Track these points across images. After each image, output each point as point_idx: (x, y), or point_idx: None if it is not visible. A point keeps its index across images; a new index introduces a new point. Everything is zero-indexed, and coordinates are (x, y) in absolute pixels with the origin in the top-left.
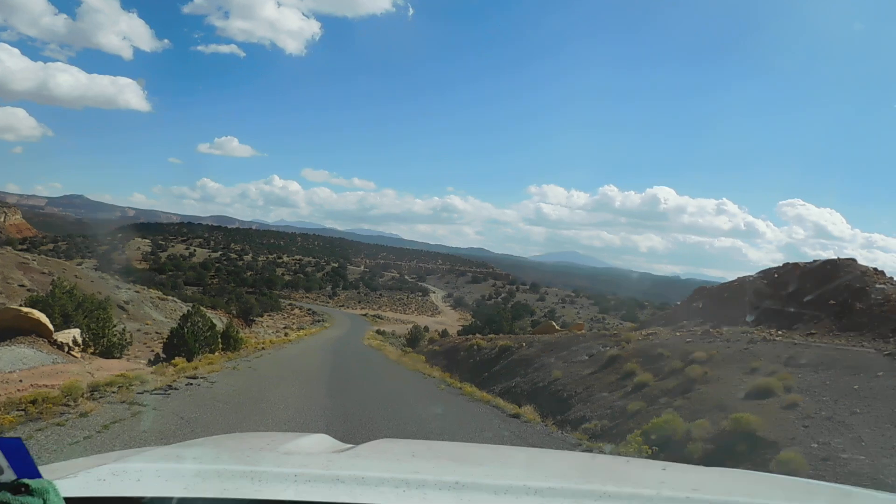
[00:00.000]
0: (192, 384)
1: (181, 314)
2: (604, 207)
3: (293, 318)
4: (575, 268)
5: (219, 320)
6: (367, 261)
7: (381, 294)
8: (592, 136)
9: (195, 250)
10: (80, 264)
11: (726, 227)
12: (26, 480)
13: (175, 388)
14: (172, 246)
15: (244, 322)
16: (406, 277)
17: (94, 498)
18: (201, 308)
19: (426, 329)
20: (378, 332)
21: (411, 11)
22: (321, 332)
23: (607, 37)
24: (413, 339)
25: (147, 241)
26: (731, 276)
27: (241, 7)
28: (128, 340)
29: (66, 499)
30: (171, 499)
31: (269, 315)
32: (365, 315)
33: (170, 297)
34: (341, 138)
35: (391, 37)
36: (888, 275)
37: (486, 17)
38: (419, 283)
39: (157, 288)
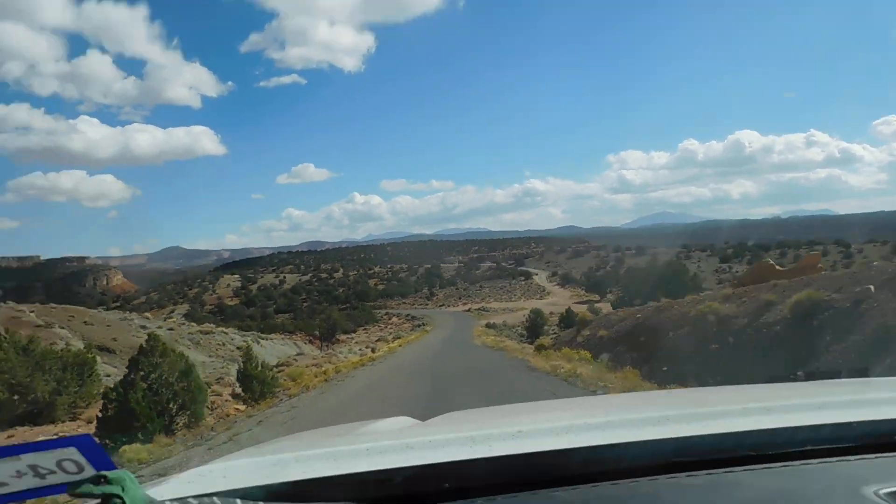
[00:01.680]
0: None
1: (239, 348)
2: (687, 163)
3: (391, 328)
4: (670, 227)
5: (292, 346)
6: (461, 258)
7: (481, 286)
8: (661, 93)
9: (285, 277)
10: (172, 311)
11: (820, 159)
12: (104, 472)
13: None
14: (262, 277)
15: (326, 343)
16: (504, 265)
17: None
18: (162, 341)
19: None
20: (488, 325)
21: (461, 3)
22: (421, 337)
23: None
24: (534, 327)
25: (236, 276)
26: (835, 208)
27: (294, 34)
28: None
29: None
30: (256, 487)
31: (364, 329)
32: (468, 310)
33: (218, 330)
34: (411, 144)
35: (445, 33)
36: None
37: None
38: (518, 269)
39: (241, 322)
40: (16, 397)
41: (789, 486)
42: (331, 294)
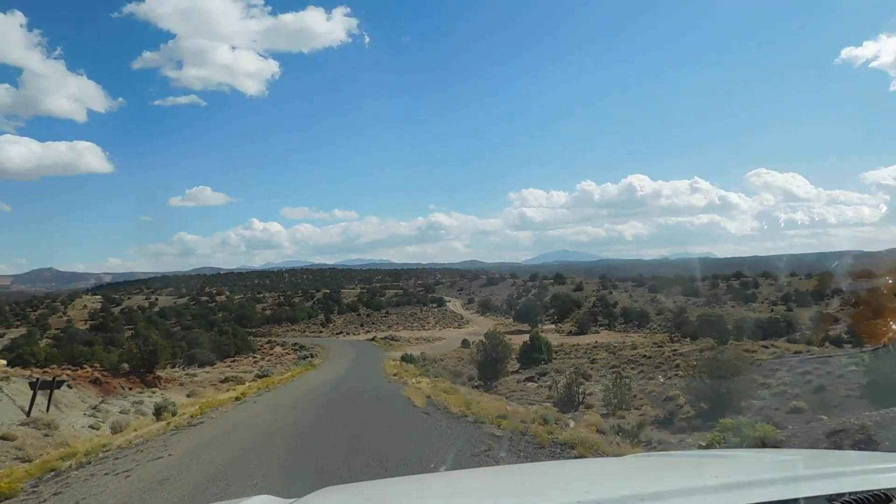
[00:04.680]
0: None
1: None
2: (584, 203)
3: (269, 360)
4: (570, 264)
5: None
6: (363, 286)
7: (387, 312)
8: (561, 135)
9: (157, 300)
10: (1, 335)
11: (702, 205)
12: None
13: None
14: (129, 298)
15: (140, 382)
16: (412, 292)
17: None
18: None
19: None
20: (404, 359)
21: (367, 39)
22: (300, 376)
23: (560, 36)
24: (490, 362)
25: (98, 297)
26: (716, 251)
27: (193, 55)
28: None
29: None
30: None
31: (233, 360)
32: (373, 339)
33: None
34: (315, 172)
35: (351, 66)
36: None
37: (442, 30)
38: (429, 295)
39: (77, 348)
40: None
41: None
42: (206, 318)
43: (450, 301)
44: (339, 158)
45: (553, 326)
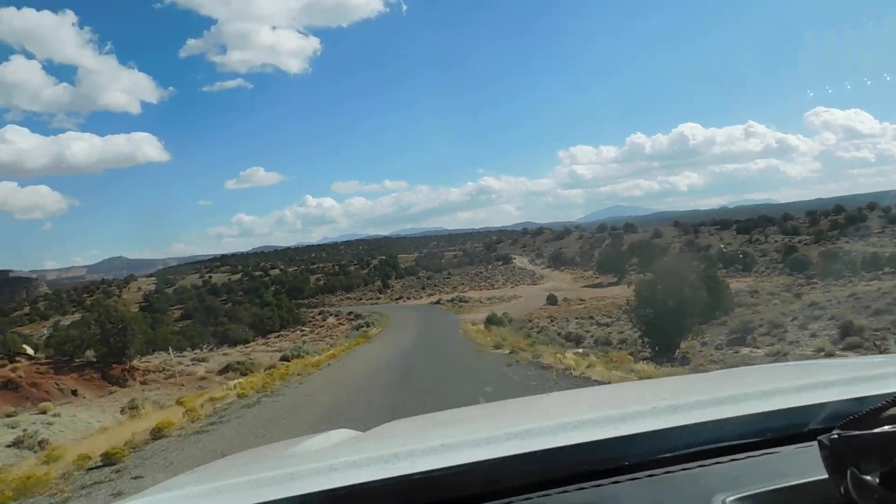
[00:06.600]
0: None
1: None
2: (635, 156)
3: (322, 331)
4: (625, 219)
5: None
6: (419, 252)
7: (449, 273)
8: (607, 88)
9: (210, 277)
10: (57, 322)
11: (758, 149)
12: None
13: None
14: (183, 278)
15: (100, 378)
16: (472, 252)
17: None
18: None
19: None
20: (490, 321)
21: (404, 7)
22: (343, 354)
23: None
24: (668, 316)
25: (152, 279)
26: (776, 197)
27: (236, 38)
28: None
29: None
30: None
31: (277, 335)
32: (438, 302)
33: None
34: (362, 144)
35: (390, 36)
36: None
37: None
38: (492, 254)
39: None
40: None
41: (643, 499)
42: (258, 293)
43: (515, 258)
44: (385, 129)
45: (642, 276)
